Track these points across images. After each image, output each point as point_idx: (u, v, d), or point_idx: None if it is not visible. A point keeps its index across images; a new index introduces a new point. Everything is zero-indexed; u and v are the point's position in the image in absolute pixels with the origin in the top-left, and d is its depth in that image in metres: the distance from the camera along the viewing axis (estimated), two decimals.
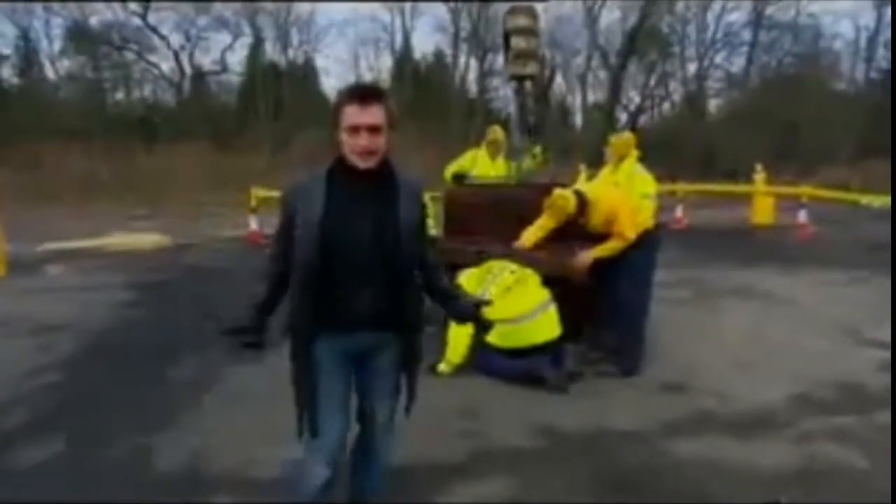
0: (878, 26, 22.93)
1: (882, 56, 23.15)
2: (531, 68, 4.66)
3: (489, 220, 3.99)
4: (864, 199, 11.07)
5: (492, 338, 3.28)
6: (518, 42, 4.45)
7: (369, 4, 23.58)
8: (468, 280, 3.51)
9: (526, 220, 3.62)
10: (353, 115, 1.53)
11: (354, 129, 1.54)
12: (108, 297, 5.46)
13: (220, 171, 14.81)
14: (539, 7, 4.61)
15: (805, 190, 10.25)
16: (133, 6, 20.39)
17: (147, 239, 9.44)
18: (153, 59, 21.72)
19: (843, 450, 2.46)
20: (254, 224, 9.12)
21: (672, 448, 2.47)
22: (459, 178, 4.84)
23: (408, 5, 24.39)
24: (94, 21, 20.61)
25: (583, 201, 3.31)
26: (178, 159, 15.55)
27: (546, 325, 3.26)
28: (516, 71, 4.65)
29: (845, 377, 3.25)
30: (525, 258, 3.54)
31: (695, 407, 2.88)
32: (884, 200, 10.50)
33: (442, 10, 24.91)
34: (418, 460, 2.39)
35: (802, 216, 9.44)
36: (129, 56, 21.57)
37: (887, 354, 3.59)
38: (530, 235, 3.56)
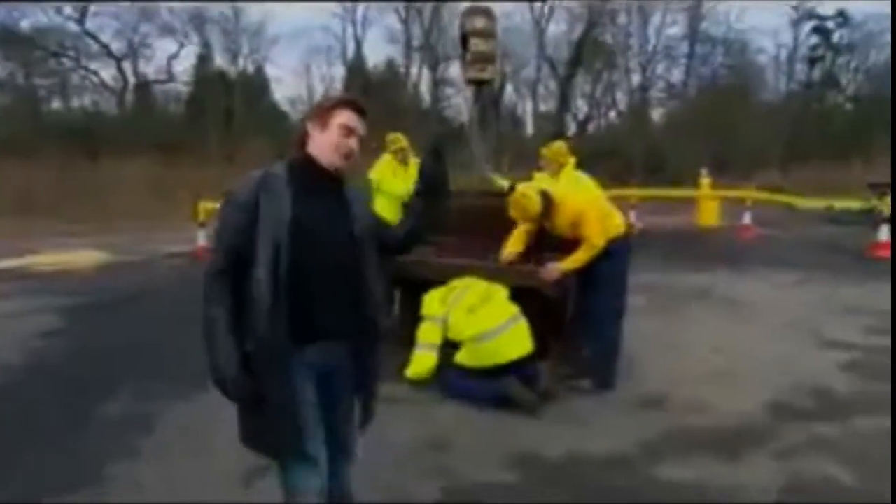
0: (796, 44, 25.12)
1: (800, 70, 25.62)
2: (490, 72, 4.51)
3: (453, 231, 3.88)
4: (799, 203, 11.78)
5: (462, 358, 3.19)
6: (477, 44, 4.28)
7: (320, 14, 23.21)
8: (431, 301, 3.39)
9: (491, 229, 3.53)
10: (352, 118, 1.59)
11: (350, 131, 1.58)
12: (28, 324, 4.89)
13: (168, 184, 14.07)
14: (497, 9, 4.50)
15: (749, 193, 10.78)
16: (69, 10, 19.25)
17: (83, 257, 8.77)
18: (93, 66, 20.60)
19: (827, 463, 2.44)
20: (202, 239, 8.64)
21: (657, 473, 2.38)
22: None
23: (359, 14, 24.22)
24: (24, 24, 19.37)
25: (548, 202, 3.21)
26: (123, 171, 14.64)
27: (516, 341, 3.14)
28: (475, 75, 4.47)
29: (815, 381, 3.31)
30: (491, 271, 3.45)
31: (675, 424, 2.82)
32: (815, 203, 11.20)
33: (393, 20, 24.91)
34: (389, 500, 2.21)
35: (747, 218, 9.88)
36: (66, 63, 20.36)
37: (848, 355, 3.72)
38: (510, 247, 3.45)
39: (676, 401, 3.10)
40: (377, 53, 40.13)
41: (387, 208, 4.57)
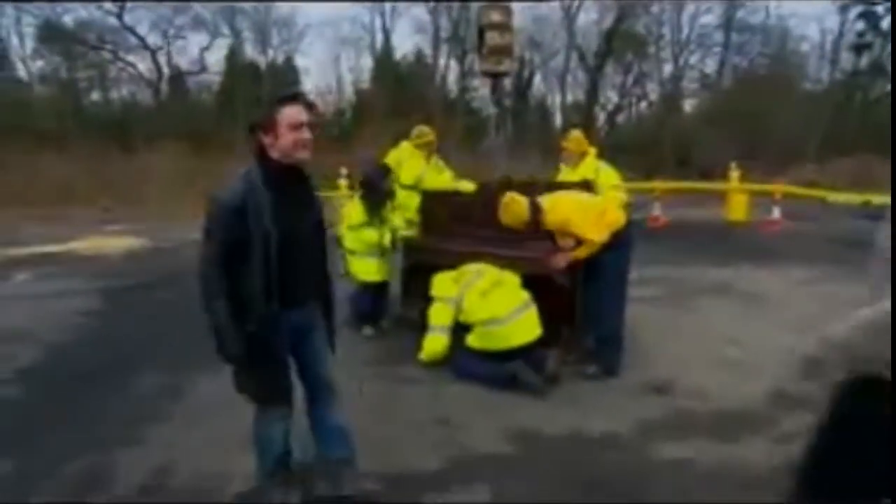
0: (842, 30, 23.82)
1: (845, 58, 24.12)
2: (506, 65, 4.60)
3: (465, 219, 3.99)
4: (831, 197, 11.41)
5: (472, 341, 3.31)
6: (493, 37, 4.39)
7: (349, 5, 23.43)
8: (442, 283, 3.51)
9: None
10: (296, 114, 1.80)
11: (299, 126, 1.80)
12: (72, 304, 5.28)
13: (199, 172, 14.47)
14: (515, 5, 4.57)
15: (778, 187, 10.48)
16: (108, 5, 19.94)
17: (120, 243, 9.21)
18: (130, 58, 21.29)
19: None
20: None
21: (652, 451, 2.47)
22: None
23: (388, 6, 24.34)
24: (67, 19, 20.14)
25: (536, 209, 3.27)
26: (156, 160, 15.19)
27: (526, 327, 3.25)
28: (490, 68, 4.59)
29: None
30: (503, 258, 3.54)
31: (675, 407, 2.89)
32: (847, 197, 10.83)
33: (422, 11, 24.92)
34: (395, 470, 2.37)
35: (776, 213, 9.66)
36: (105, 56, 21.06)
37: None
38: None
39: (680, 386, 3.16)
40: (405, 44, 40.19)
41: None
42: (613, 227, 3.26)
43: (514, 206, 3.28)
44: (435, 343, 3.41)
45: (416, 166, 4.67)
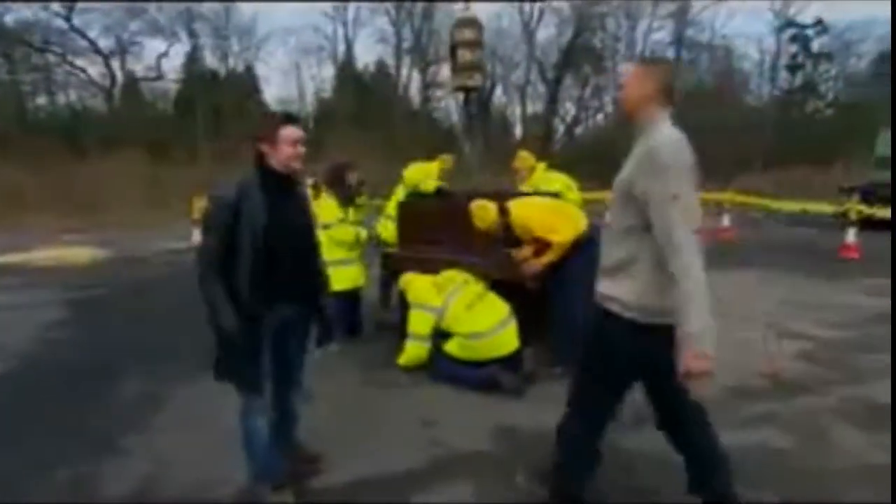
0: (778, 51, 25.69)
1: (783, 77, 26.30)
2: (476, 80, 4.85)
3: (441, 228, 4.12)
4: (774, 205, 12.16)
5: (452, 349, 3.42)
6: (464, 54, 4.64)
7: (311, 13, 23.31)
8: (422, 290, 3.59)
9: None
10: (294, 132, 2.08)
11: (297, 142, 2.07)
12: (37, 315, 5.14)
13: (158, 182, 14.14)
14: (483, 19, 4.81)
15: (727, 196, 11.14)
16: (56, 6, 19.20)
17: (80, 253, 8.90)
18: (79, 62, 20.56)
19: (769, 432, 2.77)
20: (196, 236, 8.81)
21: (618, 442, 2.59)
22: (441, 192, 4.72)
23: (350, 15, 24.38)
24: (9, 19, 19.26)
25: (503, 212, 3.46)
26: (112, 169, 14.68)
27: (506, 340, 3.37)
28: (462, 83, 4.81)
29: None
30: (477, 264, 3.69)
31: (638, 402, 3.07)
32: (789, 206, 11.58)
33: (384, 22, 25.11)
34: (380, 470, 2.47)
35: (725, 220, 10.27)
36: (51, 58, 20.28)
37: (803, 345, 4.05)
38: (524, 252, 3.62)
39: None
40: (368, 54, 40.28)
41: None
42: (578, 230, 3.43)
43: (481, 211, 3.48)
44: (415, 350, 3.53)
45: (432, 185, 4.80)
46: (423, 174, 4.60)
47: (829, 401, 3.14)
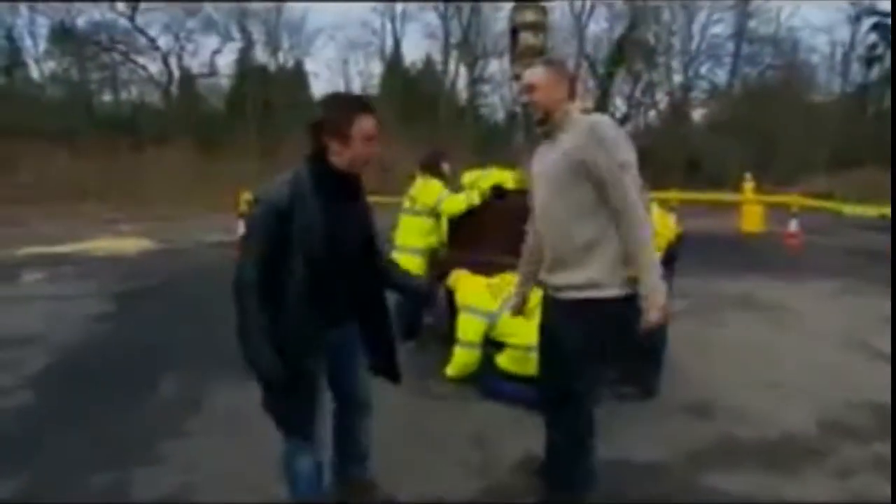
0: (853, 42, 23.84)
1: (856, 71, 24.25)
2: None
3: (495, 229, 3.84)
4: (847, 210, 11.23)
5: (504, 363, 3.13)
6: (526, 38, 4.18)
7: (359, 9, 23.47)
8: (475, 293, 3.31)
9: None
10: (371, 125, 1.65)
11: (373, 138, 1.66)
12: (85, 307, 5.18)
13: (208, 175, 14.50)
14: (549, 4, 4.43)
15: (795, 199, 10.31)
16: (121, 7, 20.04)
17: (131, 243, 9.17)
18: (141, 60, 21.37)
19: (886, 483, 2.31)
20: (242, 229, 8.88)
21: (701, 481, 2.31)
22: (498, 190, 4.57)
23: (399, 10, 24.37)
24: (80, 21, 20.24)
25: None
26: (165, 162, 15.20)
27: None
28: (524, 69, 4.39)
29: (868, 396, 3.15)
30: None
31: (722, 433, 2.73)
32: (863, 210, 10.65)
33: (432, 17, 24.97)
34: (426, 497, 2.23)
35: (794, 225, 9.50)
36: (116, 57, 21.15)
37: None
38: None
39: (722, 409, 2.99)
40: (415, 50, 40.32)
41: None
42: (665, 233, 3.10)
43: None
44: (465, 358, 3.25)
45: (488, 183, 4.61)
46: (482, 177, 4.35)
47: None
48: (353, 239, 1.75)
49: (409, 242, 3.94)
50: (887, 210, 10.62)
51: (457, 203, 3.83)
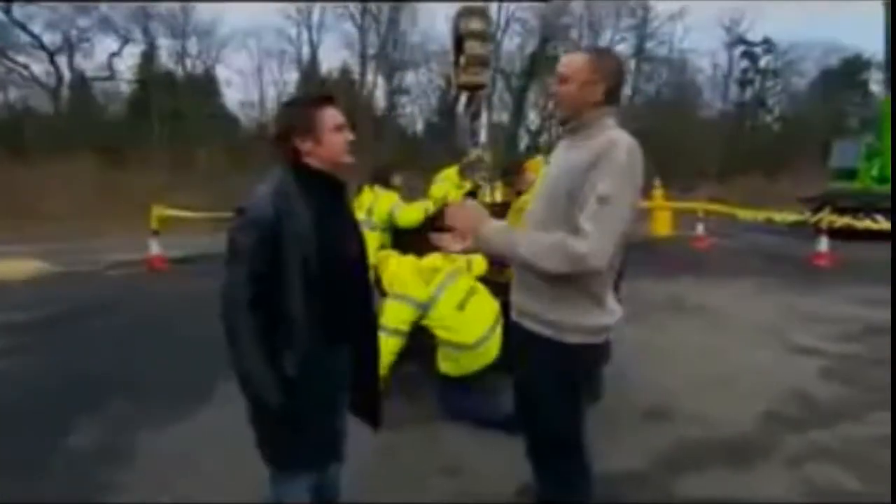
0: (730, 66, 27.39)
1: (733, 92, 27.98)
2: (485, 77, 4.38)
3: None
4: (741, 214, 12.38)
5: (443, 366, 2.98)
6: (473, 46, 4.14)
7: (273, 16, 22.62)
8: (406, 279, 3.05)
9: None
10: (335, 114, 1.59)
11: (343, 127, 1.60)
12: None
13: (110, 188, 13.17)
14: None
15: (700, 205, 11.30)
16: None
17: (20, 267, 8.04)
18: (21, 59, 19.10)
19: (833, 470, 2.52)
20: (155, 248, 8.15)
21: (678, 486, 2.38)
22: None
23: (315, 19, 23.81)
24: None
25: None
26: (59, 174, 13.57)
27: (493, 346, 2.95)
28: (469, 79, 4.31)
29: (797, 388, 3.45)
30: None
31: (682, 435, 2.84)
32: (754, 214, 11.82)
33: (349, 26, 24.64)
34: None
35: (700, 229, 10.38)
36: None
37: (819, 362, 3.93)
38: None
39: (679, 412, 3.13)
40: (332, 59, 39.44)
41: None
42: None
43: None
44: (387, 346, 2.84)
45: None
46: (449, 185, 4.28)
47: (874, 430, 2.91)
48: (346, 244, 1.66)
49: None
50: (773, 214, 11.93)
51: (413, 212, 3.74)
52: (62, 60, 19.57)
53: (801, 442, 2.79)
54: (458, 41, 4.26)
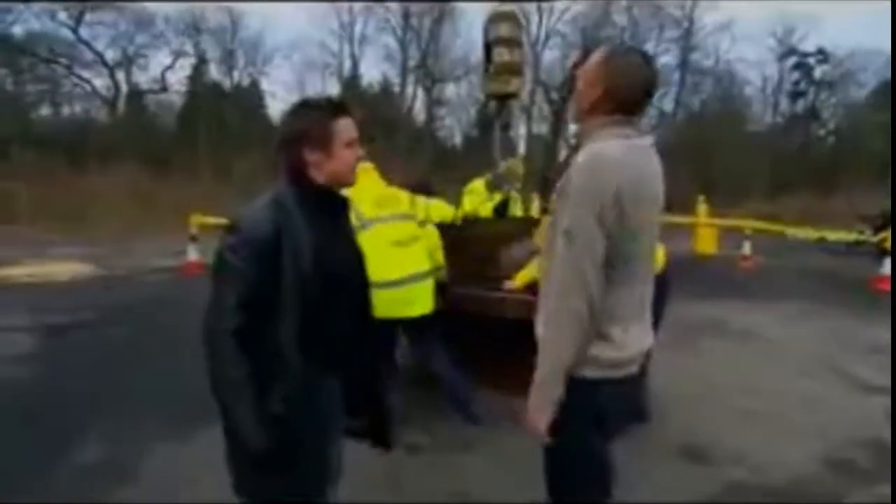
0: (780, 78, 26.06)
1: (783, 104, 26.61)
2: (515, 85, 4.12)
3: (468, 257, 3.53)
4: (790, 232, 11.71)
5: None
6: (501, 53, 3.91)
7: (317, 30, 23.25)
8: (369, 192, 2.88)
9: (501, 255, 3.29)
10: (351, 127, 1.42)
11: (354, 143, 1.43)
12: (2, 346, 4.50)
13: (157, 196, 13.68)
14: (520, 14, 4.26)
15: (747, 223, 10.71)
16: (63, 17, 19.01)
17: (64, 268, 8.39)
18: (85, 74, 20.29)
19: None
20: (193, 254, 8.35)
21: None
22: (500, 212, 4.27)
23: (357, 33, 24.32)
24: (17, 30, 19.05)
25: None
26: (110, 181, 14.22)
27: (421, 297, 2.81)
28: (498, 88, 4.07)
29: (863, 432, 3.07)
30: (492, 300, 3.15)
31: (726, 479, 2.55)
32: (805, 233, 11.15)
33: (390, 39, 25.05)
34: None
35: (747, 248, 9.84)
36: (59, 70, 19.99)
37: (885, 401, 3.48)
38: (524, 275, 3.18)
39: (720, 450, 2.88)
40: (373, 72, 40.28)
41: None
42: None
43: None
44: None
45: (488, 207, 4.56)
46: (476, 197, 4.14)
47: None
48: (348, 266, 1.52)
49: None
50: (826, 233, 11.22)
51: (445, 209, 3.54)
52: (120, 75, 20.71)
53: (866, 497, 2.45)
54: (488, 48, 4.06)
